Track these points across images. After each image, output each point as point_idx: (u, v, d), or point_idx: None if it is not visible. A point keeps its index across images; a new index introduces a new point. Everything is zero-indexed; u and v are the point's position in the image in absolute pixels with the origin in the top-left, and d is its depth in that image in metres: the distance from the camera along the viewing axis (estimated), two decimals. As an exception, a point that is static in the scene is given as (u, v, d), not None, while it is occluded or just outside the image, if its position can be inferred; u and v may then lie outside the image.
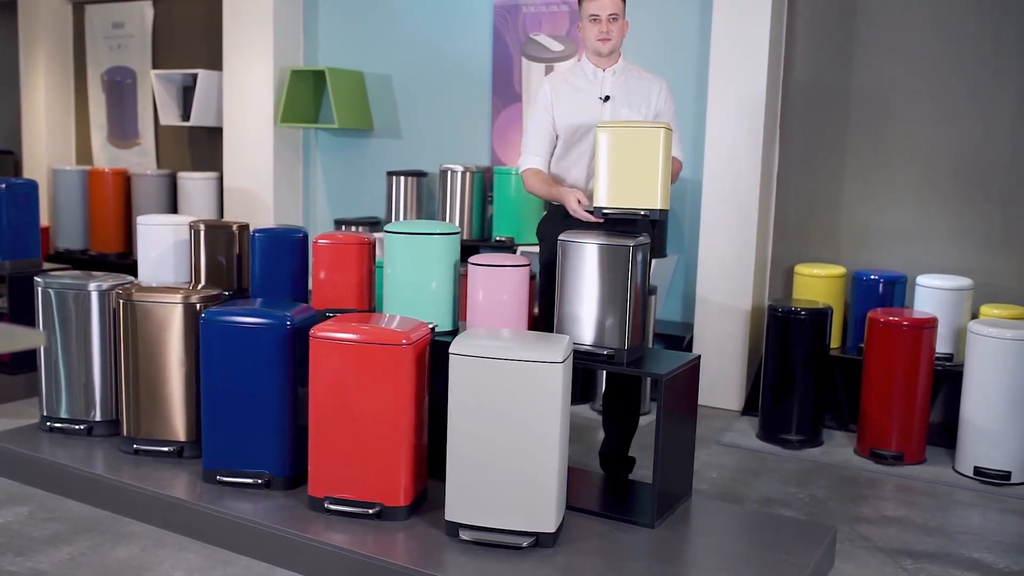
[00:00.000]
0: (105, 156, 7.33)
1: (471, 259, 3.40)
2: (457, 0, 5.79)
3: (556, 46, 5.45)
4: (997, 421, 3.96)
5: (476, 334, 3.03)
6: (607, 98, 3.48)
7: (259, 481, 3.32)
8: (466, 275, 3.44)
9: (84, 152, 7.48)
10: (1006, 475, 3.96)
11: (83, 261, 6.75)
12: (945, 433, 4.42)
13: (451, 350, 2.89)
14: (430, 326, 3.29)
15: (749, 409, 4.88)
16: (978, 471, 4.01)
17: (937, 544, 3.37)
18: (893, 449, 4.19)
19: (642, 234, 3.21)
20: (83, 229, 6.93)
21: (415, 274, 3.41)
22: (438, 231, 3.44)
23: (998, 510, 3.74)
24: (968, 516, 3.67)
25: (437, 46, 5.89)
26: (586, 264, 3.13)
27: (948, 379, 4.46)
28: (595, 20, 3.46)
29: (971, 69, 4.57)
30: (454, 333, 3.47)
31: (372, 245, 3.75)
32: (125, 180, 6.80)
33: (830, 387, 4.58)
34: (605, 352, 3.13)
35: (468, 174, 5.50)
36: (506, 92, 5.64)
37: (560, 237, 3.21)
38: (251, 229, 4.10)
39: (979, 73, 4.55)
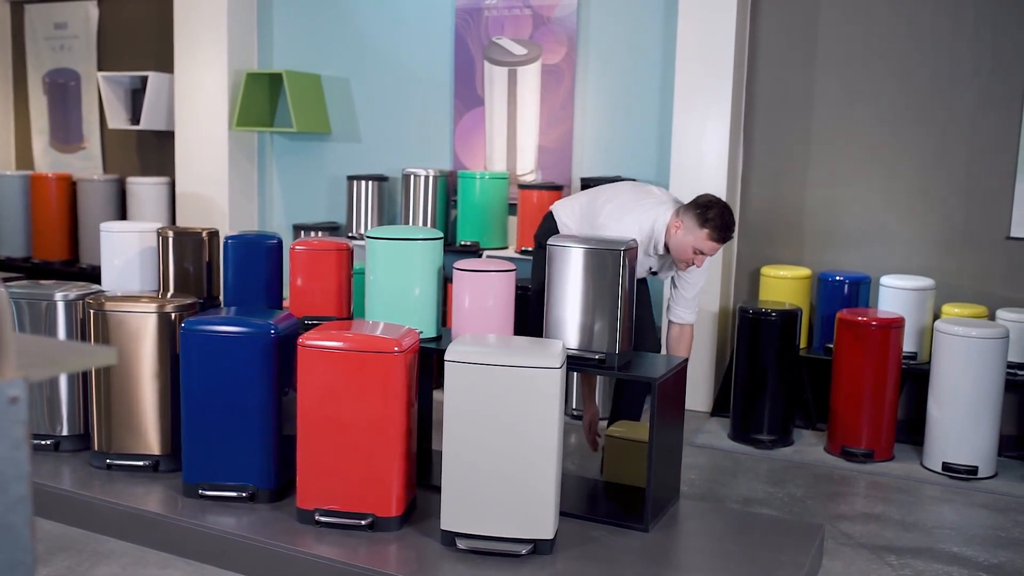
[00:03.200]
0: (47, 160, 7.10)
1: (456, 264, 3.37)
2: (417, 3, 5.75)
3: (519, 49, 5.44)
4: (964, 417, 4.06)
5: (467, 340, 2.99)
6: (655, 273, 3.75)
7: (243, 494, 3.23)
8: (447, 280, 3.41)
9: (24, 156, 7.23)
10: (973, 470, 4.07)
11: (27, 269, 6.52)
12: (910, 430, 4.52)
13: (447, 357, 2.86)
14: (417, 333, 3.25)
15: (718, 410, 4.93)
16: (946, 467, 4.11)
17: (917, 539, 3.44)
18: (863, 447, 4.27)
19: (631, 238, 3.22)
20: (25, 236, 6.68)
21: (398, 280, 3.37)
22: (421, 236, 3.40)
23: (969, 504, 3.83)
24: (942, 511, 3.75)
25: (397, 49, 5.83)
26: (576, 269, 3.12)
27: (912, 377, 4.56)
28: (699, 253, 3.49)
29: (929, 75, 4.69)
30: (437, 339, 3.45)
31: (351, 251, 3.70)
32: (70, 185, 6.59)
33: (798, 387, 4.65)
34: (596, 356, 3.13)
35: (431, 178, 5.46)
36: (468, 96, 5.61)
37: (548, 242, 3.20)
38: (222, 236, 4.01)
39: (937, 79, 4.67)
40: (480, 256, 5.23)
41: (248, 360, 3.20)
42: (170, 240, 3.97)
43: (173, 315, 3.49)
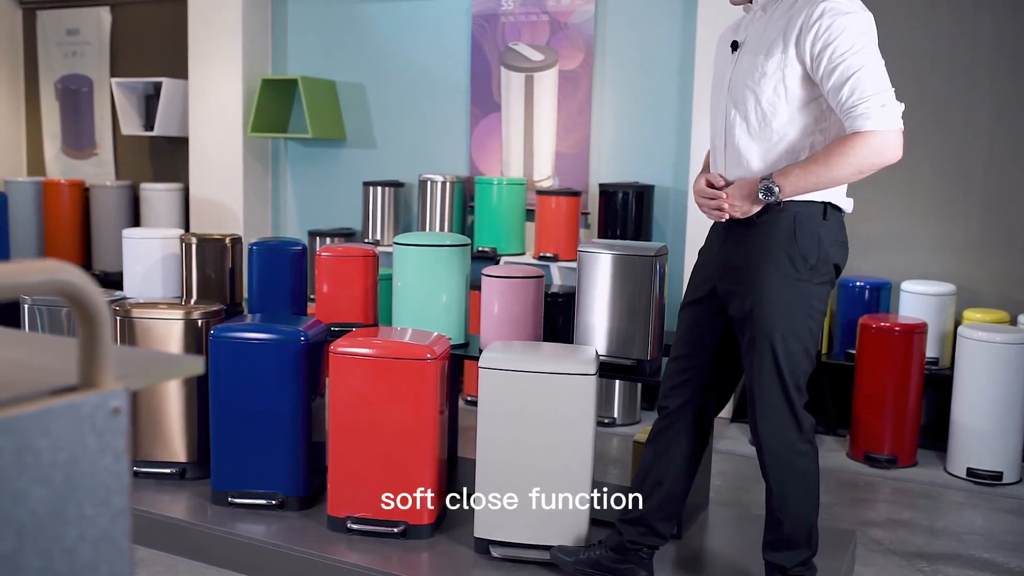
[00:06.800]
0: (59, 166, 7.08)
1: (485, 271, 3.37)
2: (433, 9, 5.74)
3: (536, 55, 5.43)
4: (988, 423, 4.06)
5: (498, 347, 2.99)
6: (734, 45, 2.52)
7: (273, 502, 3.22)
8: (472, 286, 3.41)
9: (36, 163, 7.22)
10: (998, 475, 4.06)
11: (39, 276, 6.49)
12: (932, 435, 4.52)
13: (481, 364, 2.85)
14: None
15: (738, 416, 4.92)
16: (971, 472, 4.10)
17: (947, 545, 3.43)
18: (887, 452, 4.26)
19: (661, 244, 3.22)
20: (38, 242, 6.67)
21: (426, 286, 3.36)
22: (448, 243, 3.40)
23: (995, 510, 3.82)
24: (970, 517, 3.75)
25: (412, 55, 5.82)
26: (608, 274, 3.11)
27: (933, 383, 4.55)
28: None
29: (948, 79, 4.69)
30: (465, 346, 3.44)
31: (377, 258, 3.69)
32: (82, 192, 6.58)
33: (819, 392, 4.65)
34: (628, 363, 3.12)
35: (448, 184, 5.45)
36: (485, 102, 5.60)
37: (580, 248, 3.19)
38: (245, 242, 4.00)
39: (956, 83, 4.67)
40: (498, 262, 5.22)
41: (278, 367, 3.19)
42: (193, 247, 3.95)
43: (200, 322, 3.48)
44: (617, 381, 4.75)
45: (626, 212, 5.04)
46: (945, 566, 3.25)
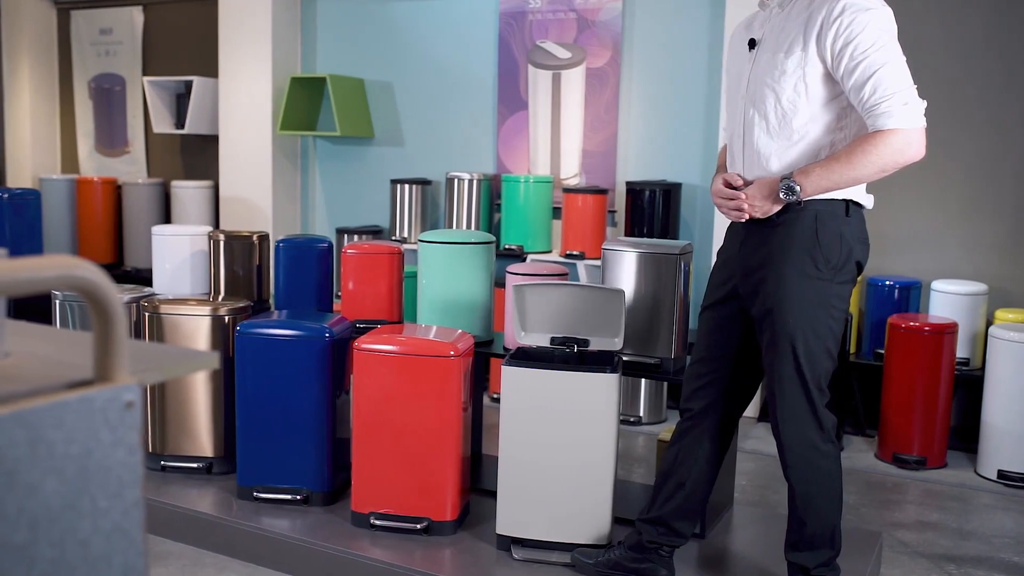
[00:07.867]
0: (92, 165, 7.18)
1: (509, 268, 3.38)
2: (461, 7, 5.75)
3: (563, 53, 5.43)
4: (1020, 424, 4.00)
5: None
6: (752, 43, 2.47)
7: (298, 497, 3.25)
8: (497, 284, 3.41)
9: (70, 161, 7.32)
10: (1029, 478, 4.01)
11: (73, 272, 6.58)
12: (962, 437, 4.46)
13: (504, 362, 2.86)
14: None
15: (764, 416, 4.89)
16: (1001, 474, 4.04)
17: (976, 548, 3.39)
18: (915, 454, 4.22)
19: (686, 242, 3.20)
20: (71, 239, 6.77)
21: (450, 283, 3.37)
22: (473, 240, 3.41)
23: (1027, 513, 3.77)
24: (1000, 519, 3.69)
25: (440, 53, 5.84)
26: (633, 273, 3.11)
27: (964, 383, 4.49)
28: None
29: (981, 77, 4.62)
30: (489, 343, 3.44)
31: (402, 255, 3.70)
32: (115, 189, 6.66)
33: (847, 392, 4.60)
34: (652, 361, 3.11)
35: (475, 182, 5.46)
36: (512, 100, 5.60)
37: (604, 246, 3.18)
38: (272, 239, 4.03)
39: (989, 80, 4.61)
40: (524, 260, 5.22)
41: (303, 363, 3.21)
42: (221, 244, 3.99)
43: (227, 318, 3.51)
44: (643, 380, 4.74)
45: (653, 210, 5.02)
46: (974, 569, 3.21)
